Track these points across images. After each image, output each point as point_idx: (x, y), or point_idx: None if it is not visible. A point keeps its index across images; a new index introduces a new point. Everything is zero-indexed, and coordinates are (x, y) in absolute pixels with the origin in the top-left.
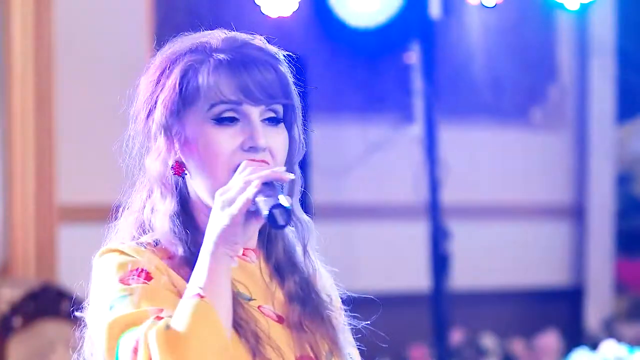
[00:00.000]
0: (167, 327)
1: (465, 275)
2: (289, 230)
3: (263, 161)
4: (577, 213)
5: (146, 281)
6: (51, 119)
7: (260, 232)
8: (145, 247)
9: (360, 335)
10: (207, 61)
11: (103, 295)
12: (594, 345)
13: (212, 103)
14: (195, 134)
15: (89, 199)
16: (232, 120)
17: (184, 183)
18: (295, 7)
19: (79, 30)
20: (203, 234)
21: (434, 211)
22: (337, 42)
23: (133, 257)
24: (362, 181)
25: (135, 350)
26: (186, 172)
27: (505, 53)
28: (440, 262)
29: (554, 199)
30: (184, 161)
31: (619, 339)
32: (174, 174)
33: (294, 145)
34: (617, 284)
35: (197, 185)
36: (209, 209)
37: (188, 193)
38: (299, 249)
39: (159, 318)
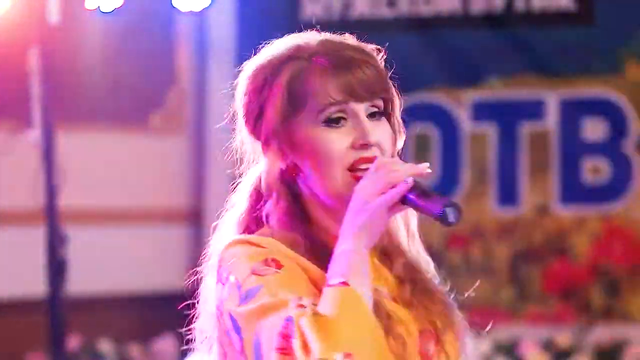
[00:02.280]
0: (316, 314)
1: (83, 280)
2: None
3: (374, 157)
4: (194, 217)
5: (277, 270)
6: None
7: None
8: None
9: None
10: (310, 66)
11: (237, 287)
12: (210, 349)
13: (322, 107)
14: (307, 137)
15: None
16: (340, 120)
17: (298, 183)
18: None
19: None
20: (320, 229)
21: (51, 216)
22: None
23: (262, 247)
24: None
25: (285, 336)
26: (300, 173)
27: (125, 57)
28: (56, 268)
29: (172, 204)
30: (298, 163)
31: None
32: (289, 176)
33: (395, 136)
34: None
35: (312, 185)
36: (325, 206)
37: (301, 192)
38: (401, 232)
39: (301, 306)
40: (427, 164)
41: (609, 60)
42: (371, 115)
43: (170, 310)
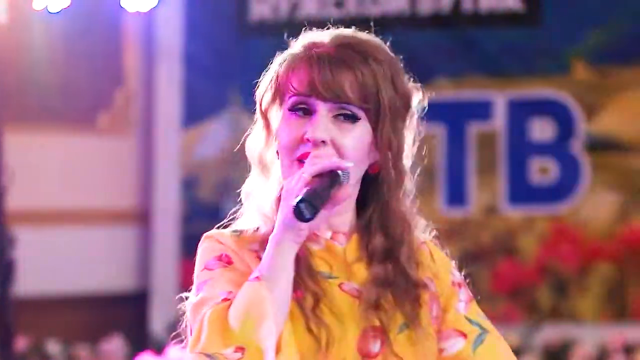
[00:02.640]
0: (225, 308)
1: (31, 281)
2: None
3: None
4: (142, 217)
5: (226, 265)
6: None
7: (361, 220)
8: (240, 234)
9: None
10: (298, 57)
11: (195, 281)
12: (159, 349)
13: (289, 95)
14: (279, 122)
15: None
16: (305, 111)
17: None
18: None
19: None
20: None
21: None
22: None
23: (222, 243)
24: None
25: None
26: None
27: (73, 58)
28: (4, 269)
29: (120, 204)
30: None
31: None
32: (278, 159)
33: (384, 145)
34: (182, 287)
35: None
36: None
37: None
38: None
39: (225, 300)
40: (348, 163)
41: (556, 61)
42: (343, 117)
43: (119, 311)
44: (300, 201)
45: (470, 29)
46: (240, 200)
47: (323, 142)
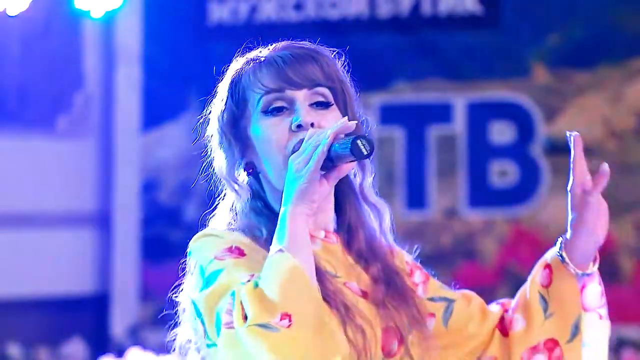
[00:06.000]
0: (257, 284)
1: None
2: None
3: None
4: (102, 221)
5: (239, 256)
6: None
7: (340, 220)
8: (236, 230)
9: None
10: (250, 65)
11: (200, 274)
12: (120, 353)
13: (259, 97)
14: (253, 130)
15: None
16: (281, 109)
17: (259, 181)
18: None
19: None
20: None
21: None
22: None
23: (226, 237)
24: None
25: (229, 311)
26: (257, 170)
27: (31, 61)
28: None
29: (80, 207)
30: (253, 160)
31: (144, 346)
32: (248, 175)
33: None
34: (142, 290)
35: (266, 177)
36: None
37: (263, 188)
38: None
39: (250, 281)
40: (346, 118)
41: (516, 64)
42: (317, 105)
43: (79, 314)
44: (356, 138)
45: (430, 32)
46: (210, 205)
47: (312, 124)
